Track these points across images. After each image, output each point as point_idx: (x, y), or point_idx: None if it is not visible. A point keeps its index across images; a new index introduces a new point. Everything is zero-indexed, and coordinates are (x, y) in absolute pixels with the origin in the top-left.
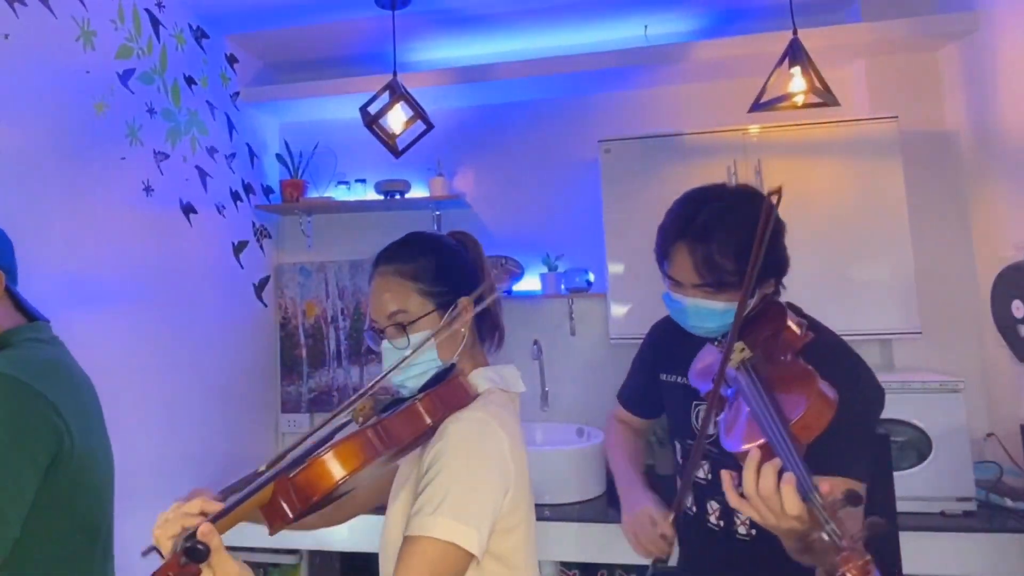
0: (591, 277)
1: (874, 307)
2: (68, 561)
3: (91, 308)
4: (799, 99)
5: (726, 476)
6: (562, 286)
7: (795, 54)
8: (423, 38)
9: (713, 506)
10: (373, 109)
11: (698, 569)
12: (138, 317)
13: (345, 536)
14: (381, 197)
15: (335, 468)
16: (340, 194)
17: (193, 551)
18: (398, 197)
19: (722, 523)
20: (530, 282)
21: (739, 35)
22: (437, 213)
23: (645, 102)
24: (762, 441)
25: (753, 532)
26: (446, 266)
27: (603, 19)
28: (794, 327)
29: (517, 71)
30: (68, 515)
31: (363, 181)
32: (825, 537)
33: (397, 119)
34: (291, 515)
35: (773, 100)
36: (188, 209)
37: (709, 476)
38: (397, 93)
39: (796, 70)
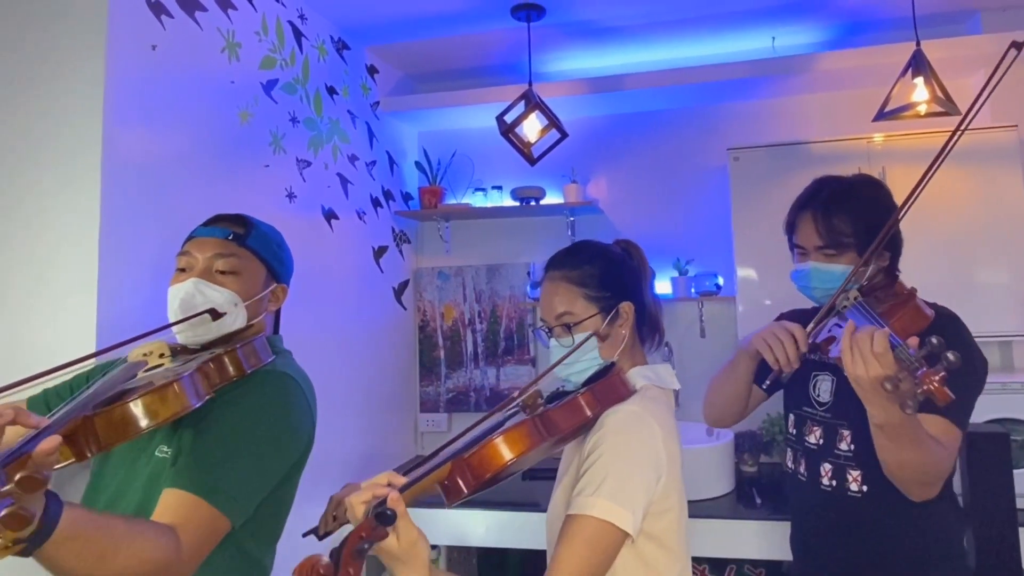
0: (720, 281)
1: (995, 309)
2: (262, 545)
3: None
4: (922, 108)
5: (850, 324)
6: (692, 289)
7: (918, 65)
8: (557, 49)
9: (826, 468)
10: (509, 118)
11: (812, 530)
12: (283, 320)
13: (482, 532)
14: (517, 203)
15: (504, 451)
16: (477, 200)
17: (383, 516)
18: (533, 203)
19: (834, 483)
20: (661, 286)
21: (864, 47)
22: (571, 219)
23: (772, 111)
24: None
25: (864, 488)
26: (610, 273)
27: (732, 31)
28: (903, 284)
29: (649, 81)
30: (269, 512)
31: (499, 188)
32: (907, 368)
33: (532, 128)
34: (466, 491)
35: (897, 109)
36: (330, 215)
37: (821, 441)
38: (532, 103)
39: (919, 80)
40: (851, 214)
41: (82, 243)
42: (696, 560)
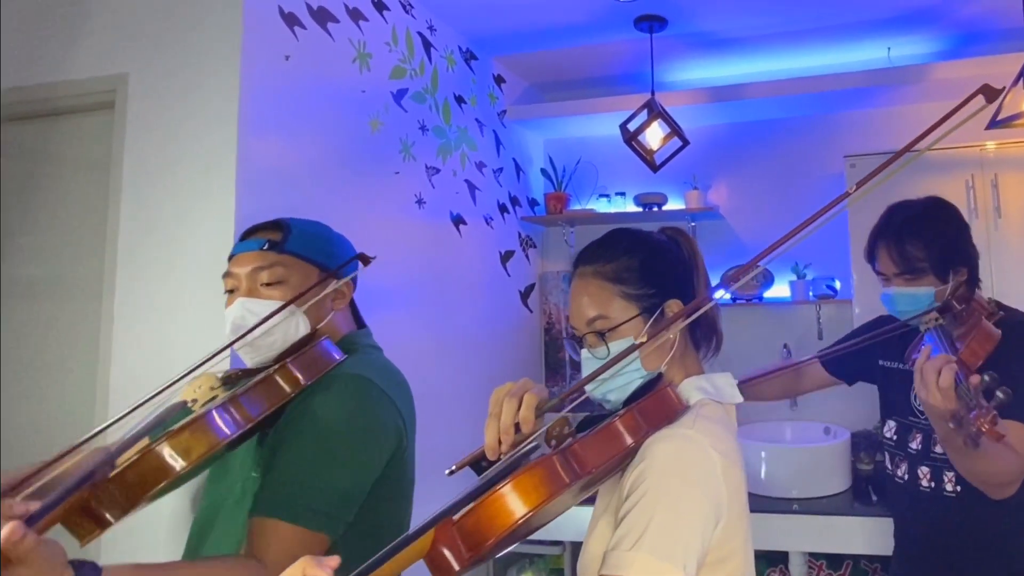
0: (837, 284)
1: None
2: (391, 537)
3: (369, 313)
4: None
5: (925, 352)
6: (810, 293)
7: None
8: (679, 59)
9: (923, 471)
10: (632, 126)
11: (913, 531)
12: (413, 322)
13: None
14: (640, 209)
15: (513, 505)
16: (601, 206)
17: None
18: (656, 209)
19: (932, 484)
20: (780, 289)
21: (977, 56)
22: (693, 224)
23: (887, 119)
24: None
25: (959, 488)
26: (652, 265)
27: (848, 41)
28: (983, 304)
29: (768, 90)
30: (385, 510)
31: (622, 194)
32: (966, 405)
33: (655, 136)
34: (457, 567)
35: (1009, 118)
36: (458, 221)
37: (920, 446)
38: (655, 111)
39: None
40: (922, 239)
41: (218, 250)
42: (813, 556)
